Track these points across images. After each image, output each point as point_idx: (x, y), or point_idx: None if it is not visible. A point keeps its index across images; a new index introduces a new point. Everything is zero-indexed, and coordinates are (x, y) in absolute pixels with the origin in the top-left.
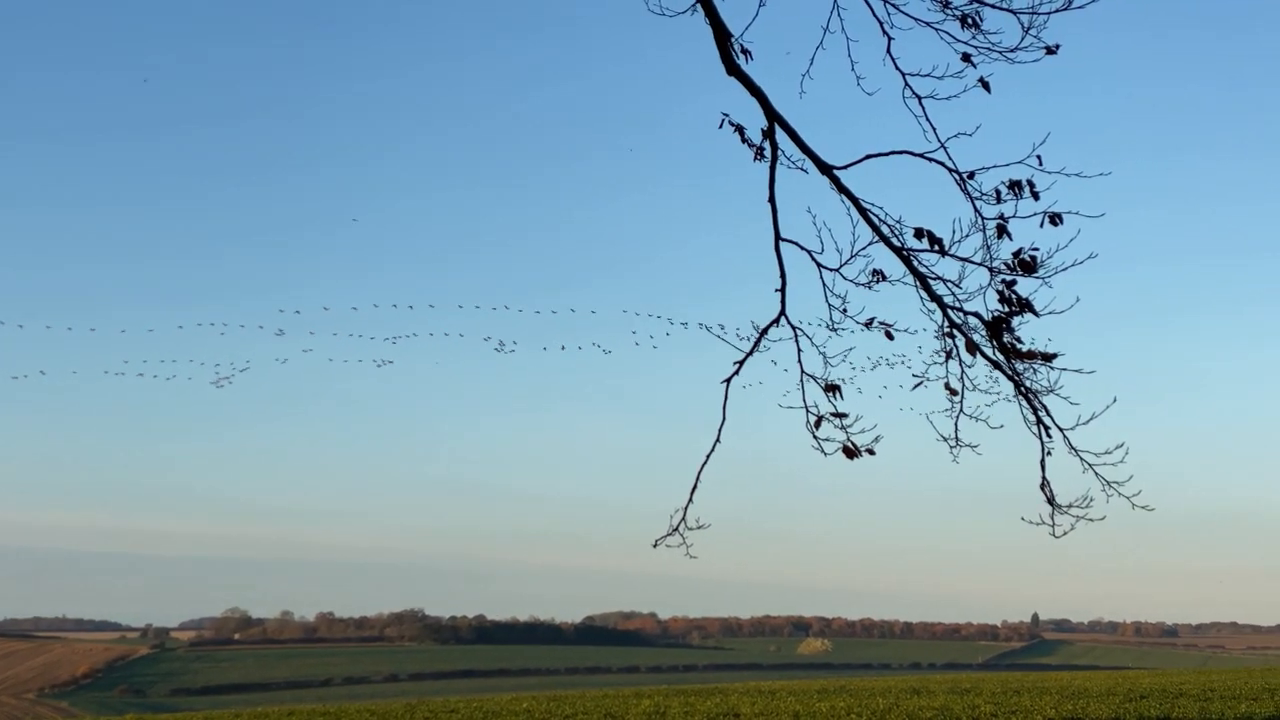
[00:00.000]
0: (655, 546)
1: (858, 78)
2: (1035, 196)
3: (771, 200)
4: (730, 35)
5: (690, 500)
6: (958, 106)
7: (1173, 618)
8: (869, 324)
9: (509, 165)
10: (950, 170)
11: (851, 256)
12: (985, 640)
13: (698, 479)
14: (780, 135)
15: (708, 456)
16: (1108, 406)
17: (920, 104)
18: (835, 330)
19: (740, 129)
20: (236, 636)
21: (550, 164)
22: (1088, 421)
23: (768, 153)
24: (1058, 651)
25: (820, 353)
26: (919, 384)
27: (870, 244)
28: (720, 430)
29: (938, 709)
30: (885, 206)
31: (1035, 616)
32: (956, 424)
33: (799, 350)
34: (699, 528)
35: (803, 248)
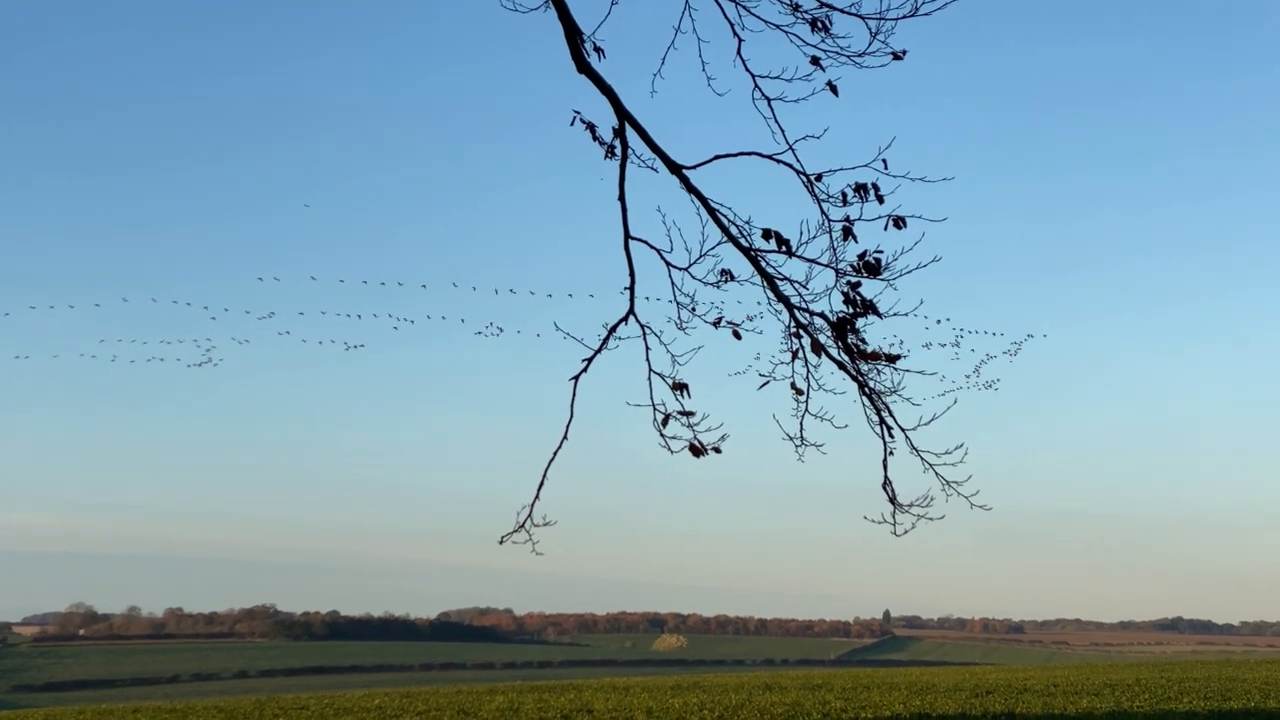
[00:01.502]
0: (501, 543)
1: (709, 78)
2: (880, 200)
3: (621, 199)
4: (581, 33)
5: (537, 497)
6: (806, 109)
7: (1019, 615)
8: (717, 323)
9: (357, 165)
10: (798, 172)
11: (700, 256)
12: (838, 637)
13: (545, 476)
14: (631, 134)
15: (555, 453)
16: (949, 408)
17: (769, 106)
18: (684, 329)
19: (591, 127)
20: (82, 632)
21: (402, 163)
22: (929, 422)
23: (618, 151)
24: (908, 648)
25: (668, 351)
26: (765, 383)
27: (719, 244)
28: (568, 427)
29: (789, 705)
30: (734, 207)
31: (887, 613)
32: (802, 424)
33: (647, 349)
34: (546, 524)
35: (652, 246)
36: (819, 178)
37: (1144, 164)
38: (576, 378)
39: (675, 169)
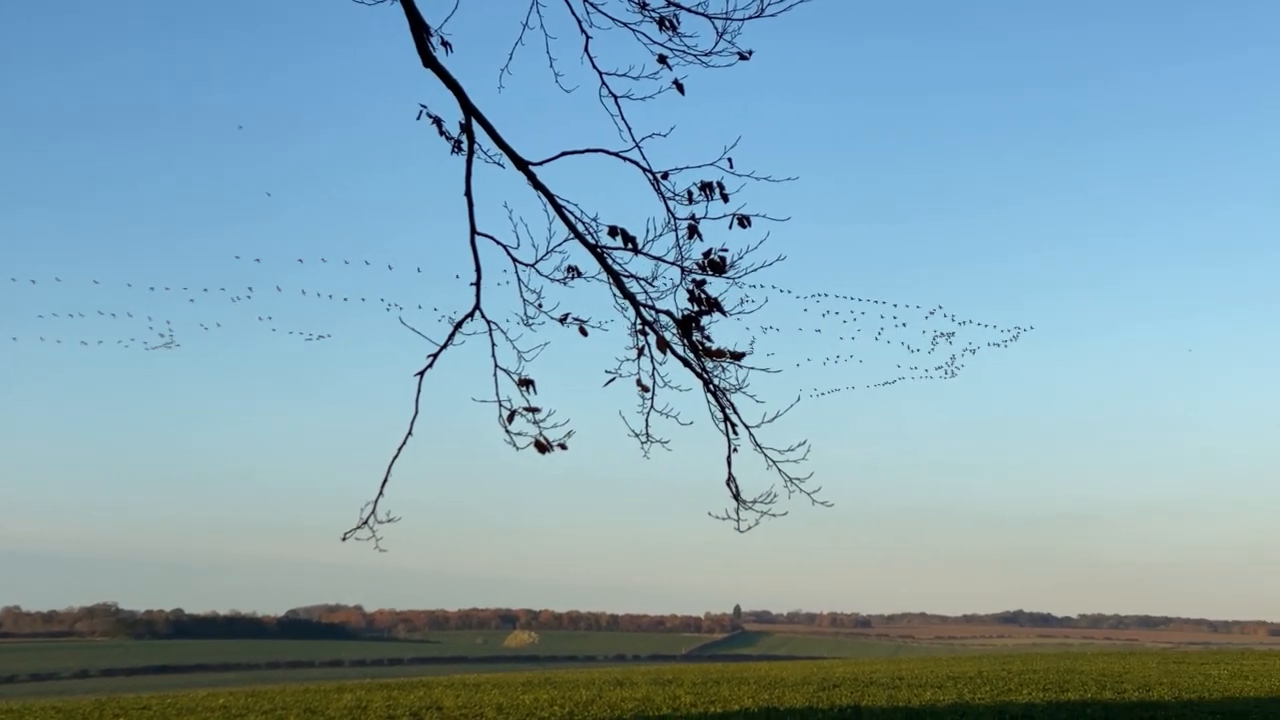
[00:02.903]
0: (344, 540)
1: (556, 75)
2: (725, 199)
3: (468, 194)
4: (427, 28)
5: (381, 493)
6: (653, 107)
7: (866, 609)
8: (564, 319)
9: (205, 160)
10: (644, 170)
11: (547, 253)
12: (689, 632)
13: (389, 472)
14: (478, 129)
15: (399, 449)
16: (792, 405)
17: (616, 103)
18: (530, 325)
19: (438, 121)
20: None
21: (251, 156)
22: (773, 419)
23: (465, 146)
24: (758, 642)
25: (514, 347)
26: (611, 380)
27: (565, 240)
28: (413, 423)
29: (640, 700)
30: (581, 204)
31: (737, 608)
32: (647, 420)
33: (493, 345)
34: (390, 521)
35: (499, 242)
36: (665, 176)
37: (990, 161)
38: (422, 373)
39: (522, 165)
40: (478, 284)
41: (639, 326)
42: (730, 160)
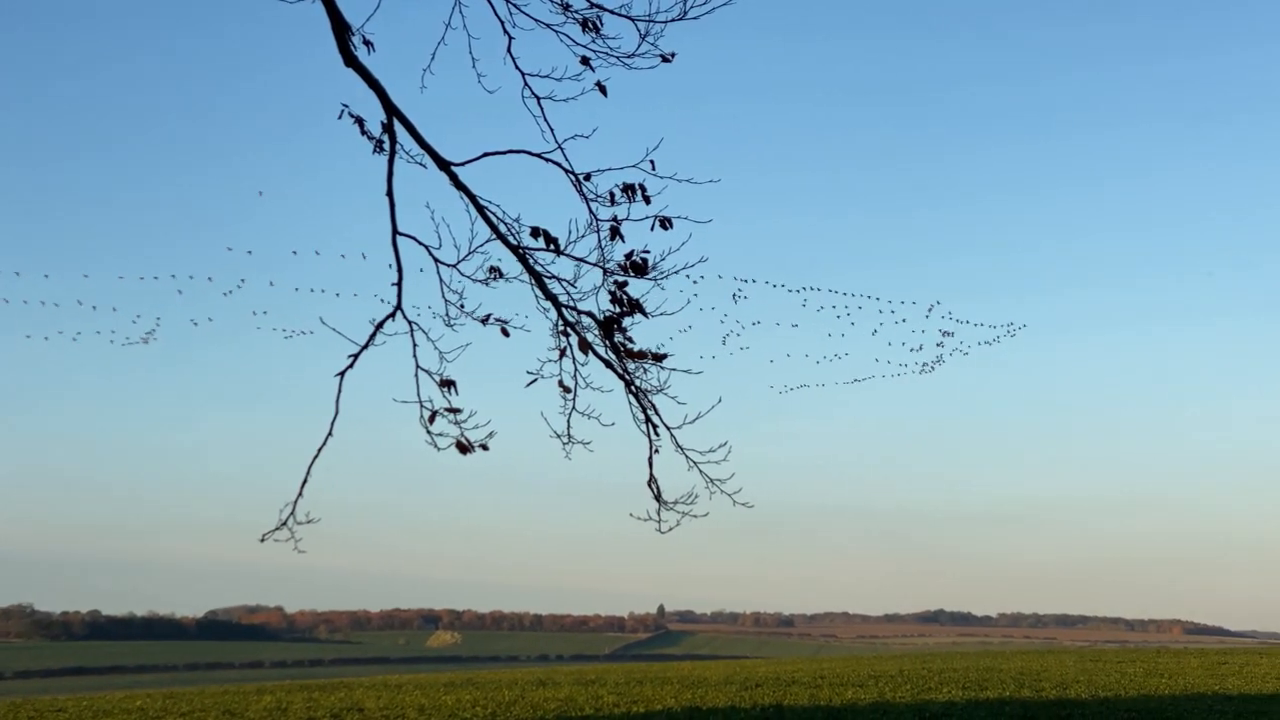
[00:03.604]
0: (263, 541)
1: (479, 76)
2: (647, 200)
3: (389, 194)
4: (349, 27)
5: (300, 494)
6: (576, 109)
7: (789, 609)
8: (485, 320)
9: (115, 154)
10: (567, 171)
11: (469, 253)
12: (613, 632)
13: (308, 472)
14: (400, 129)
15: (319, 450)
16: (713, 406)
17: (539, 104)
18: (451, 326)
19: (360, 121)
20: None
21: (166, 152)
22: (694, 420)
23: (386, 146)
24: (682, 642)
25: (436, 348)
26: (533, 381)
27: (488, 241)
28: (333, 423)
29: (562, 700)
30: (503, 205)
31: (661, 608)
32: (569, 421)
33: (414, 345)
34: (310, 522)
35: (420, 242)
36: (587, 177)
37: (914, 162)
38: (342, 374)
39: (444, 165)
40: (399, 284)
41: (561, 327)
42: (652, 162)
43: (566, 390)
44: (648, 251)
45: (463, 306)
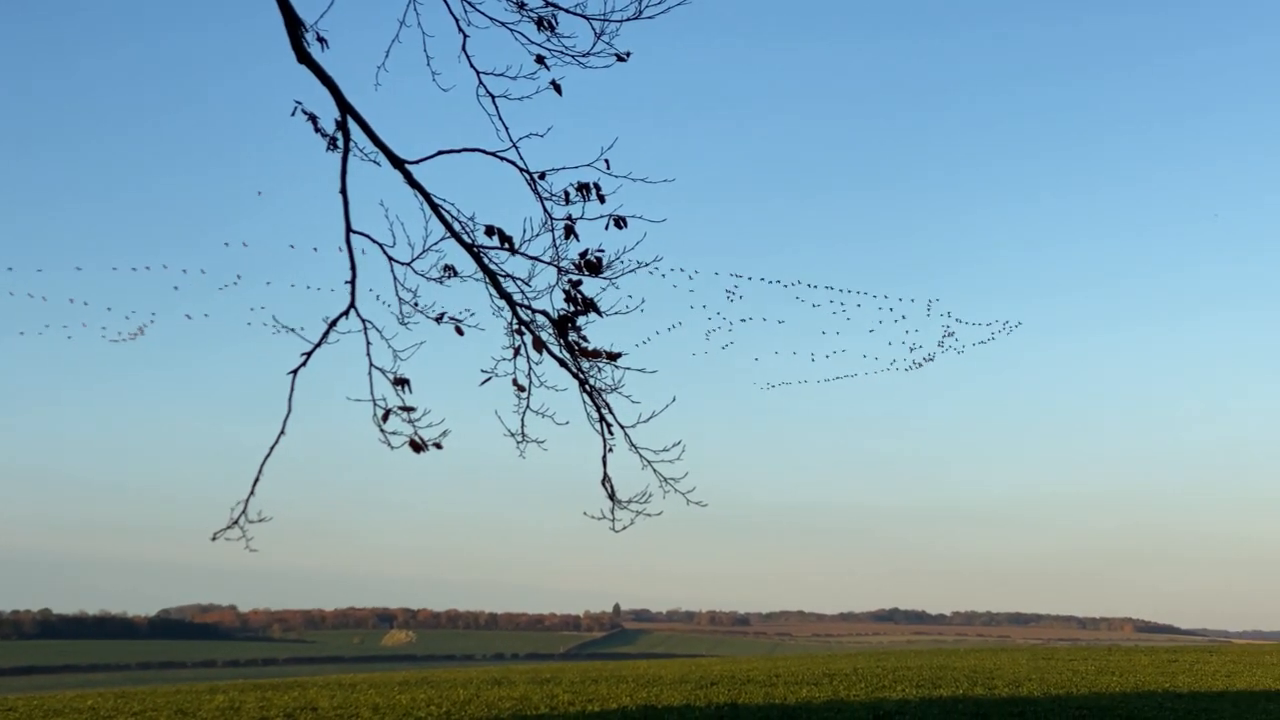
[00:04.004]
0: (214, 539)
1: (433, 73)
2: (602, 199)
3: (343, 191)
4: (302, 23)
5: (252, 492)
6: (530, 107)
7: (745, 607)
8: (440, 319)
9: (63, 142)
10: (521, 170)
11: (423, 251)
12: (568, 631)
13: (260, 470)
14: (353, 127)
15: (272, 448)
16: (667, 405)
17: (494, 103)
18: (405, 324)
19: (313, 118)
20: None
21: (121, 145)
22: (649, 419)
23: (340, 144)
24: (638, 641)
25: (390, 346)
26: (488, 379)
27: (442, 240)
28: (285, 421)
29: (518, 699)
30: (458, 203)
31: (617, 607)
32: (523, 420)
33: (368, 344)
34: (261, 520)
35: (374, 241)
36: (542, 176)
37: (857, 159)
38: (295, 372)
39: (398, 163)
40: (353, 282)
41: (515, 326)
42: (607, 161)
43: (521, 389)
44: (602, 250)
45: (417, 305)
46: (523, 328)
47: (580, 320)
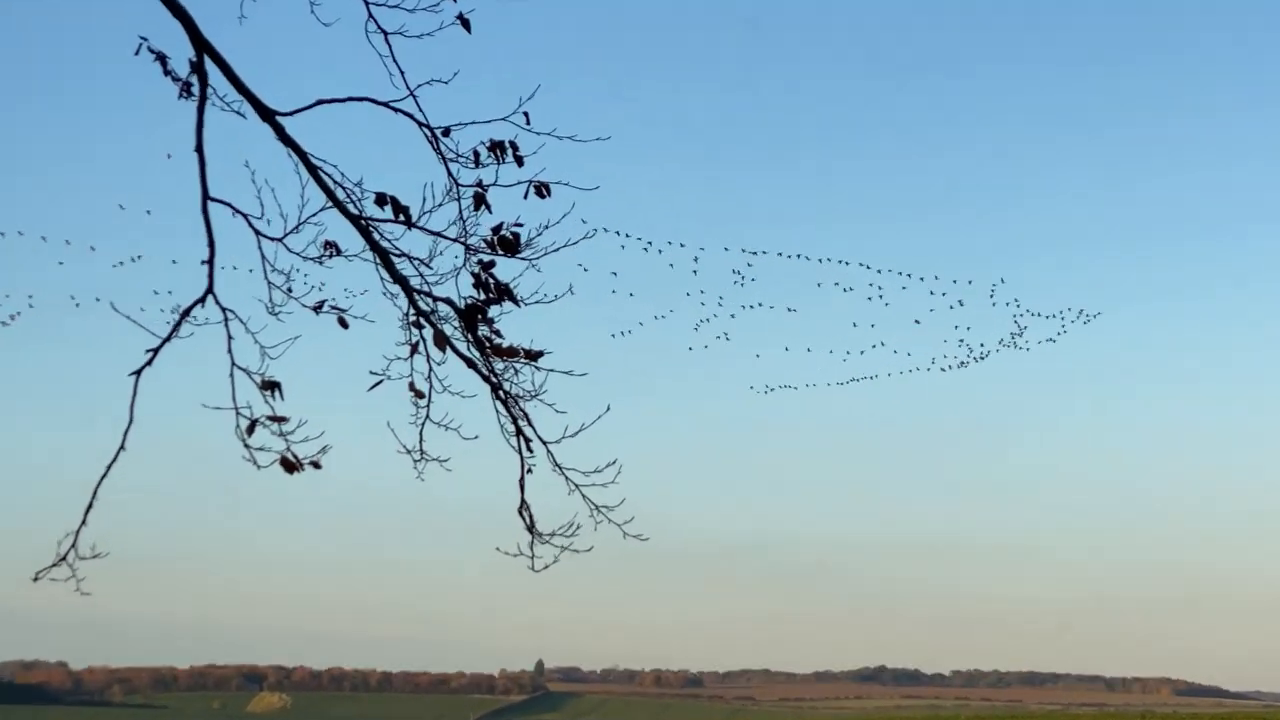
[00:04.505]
0: (36, 580)
1: (312, 4)
2: (520, 162)
3: (199, 149)
4: None
5: (84, 522)
6: (433, 47)
7: (698, 665)
8: (319, 308)
9: None
10: (421, 125)
11: (299, 224)
12: (480, 693)
13: (95, 495)
14: (213, 70)
15: (109, 467)
16: (600, 416)
17: (387, 41)
18: (276, 314)
19: (162, 58)
20: None
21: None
22: (576, 433)
23: (195, 90)
24: (565, 706)
25: (256, 342)
26: (379, 383)
27: (322, 210)
28: (126, 435)
29: None
30: (342, 165)
31: (540, 664)
32: (422, 433)
33: (229, 338)
34: (96, 556)
35: (237, 210)
36: (446, 132)
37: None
38: (138, 373)
39: (268, 115)
40: (210, 262)
41: (413, 318)
42: (526, 115)
43: (419, 395)
44: (520, 224)
45: (290, 290)
46: (422, 319)
47: (493, 311)
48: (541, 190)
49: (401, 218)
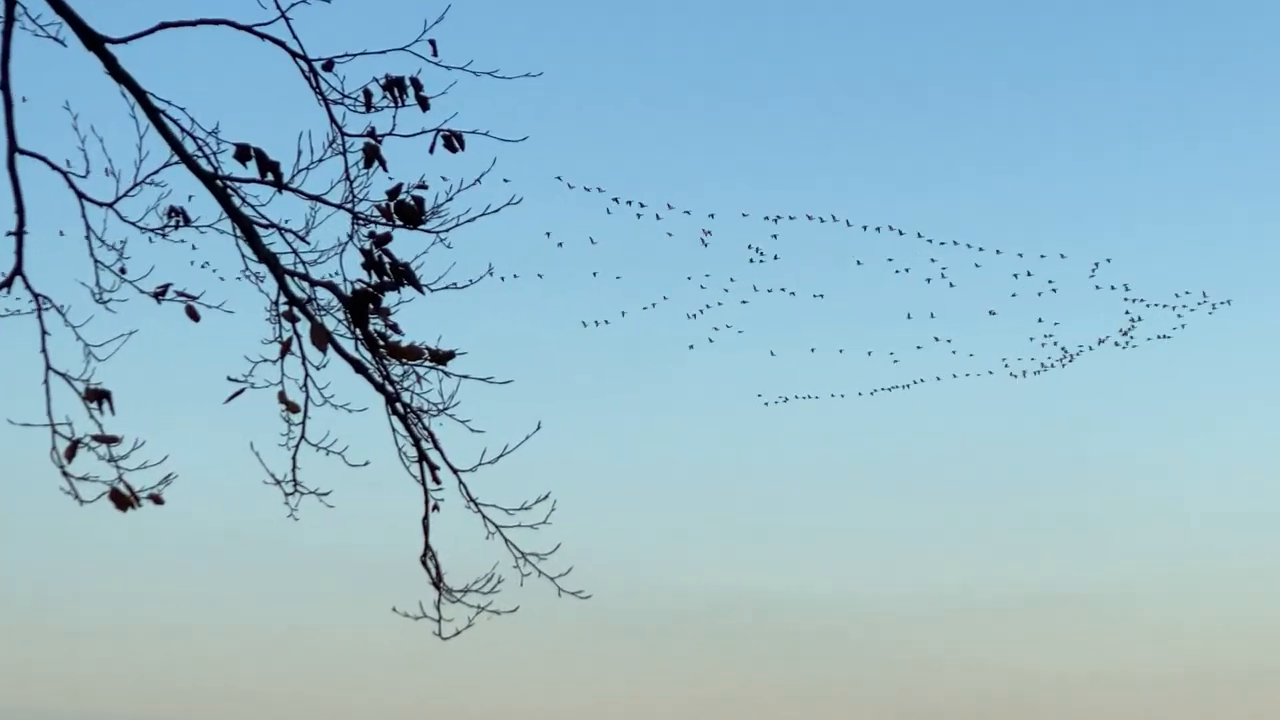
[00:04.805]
0: None
1: None
2: (424, 105)
3: (4, 86)
4: None
5: None
6: None
7: None
8: (160, 294)
9: None
10: (295, 56)
11: (135, 185)
12: None
13: None
14: None
15: None
16: (528, 436)
17: None
18: (105, 303)
19: None
20: None
21: None
22: (497, 459)
23: (1, 10)
24: None
25: (79, 338)
26: (239, 392)
27: (166, 166)
28: None
29: None
30: (192, 108)
31: None
32: (295, 458)
33: (44, 333)
34: None
35: (55, 167)
36: (329, 66)
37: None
38: None
39: (95, 42)
40: (19, 234)
41: (284, 308)
42: (433, 44)
43: (293, 409)
44: (425, 186)
45: (124, 271)
46: (296, 310)
47: (388, 299)
48: (452, 142)
49: (270, 177)
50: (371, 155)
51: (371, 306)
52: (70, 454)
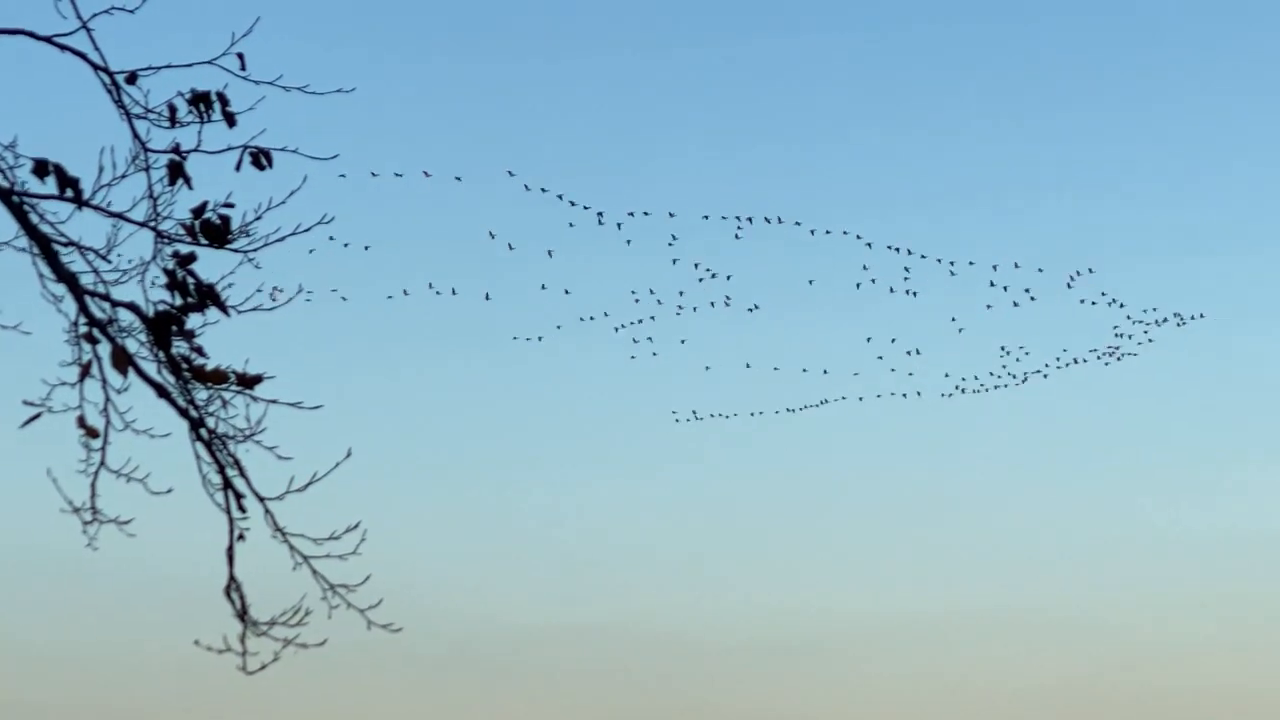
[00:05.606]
0: None
1: None
2: (231, 121)
3: None
4: None
5: None
6: None
7: None
8: None
9: None
10: (97, 68)
11: None
12: None
13: None
14: None
15: None
16: (338, 463)
17: None
18: None
19: None
20: None
21: None
22: (305, 487)
23: None
24: None
25: None
26: (36, 416)
27: None
28: None
29: None
30: None
31: None
32: (94, 485)
33: None
34: None
35: None
36: (132, 79)
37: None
38: None
39: None
40: None
41: (84, 329)
42: (240, 57)
43: (92, 434)
44: (231, 204)
45: None
46: (96, 331)
47: (193, 321)
48: (259, 159)
49: (69, 193)
50: (176, 172)
51: (175, 328)
52: None
